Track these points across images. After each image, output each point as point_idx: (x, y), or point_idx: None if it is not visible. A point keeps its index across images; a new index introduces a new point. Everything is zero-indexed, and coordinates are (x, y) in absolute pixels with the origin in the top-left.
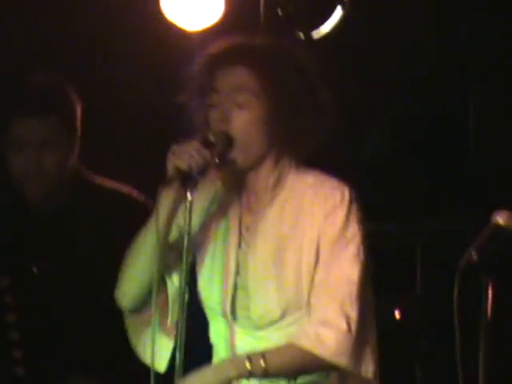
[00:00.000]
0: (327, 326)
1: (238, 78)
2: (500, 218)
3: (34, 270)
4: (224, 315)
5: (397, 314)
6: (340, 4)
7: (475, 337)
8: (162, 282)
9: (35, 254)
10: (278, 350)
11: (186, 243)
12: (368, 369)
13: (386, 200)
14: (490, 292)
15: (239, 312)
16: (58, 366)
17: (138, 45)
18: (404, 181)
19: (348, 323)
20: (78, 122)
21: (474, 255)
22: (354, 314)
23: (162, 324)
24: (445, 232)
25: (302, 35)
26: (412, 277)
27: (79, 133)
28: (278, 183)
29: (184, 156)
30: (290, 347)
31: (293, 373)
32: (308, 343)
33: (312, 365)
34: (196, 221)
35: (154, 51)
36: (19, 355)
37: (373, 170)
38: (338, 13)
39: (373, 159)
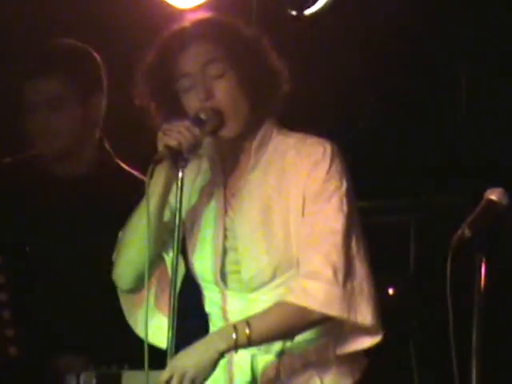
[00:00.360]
0: (313, 277)
1: (205, 53)
2: (493, 195)
3: (26, 249)
4: (216, 282)
5: (390, 292)
6: None
7: (469, 313)
8: (160, 260)
9: (34, 228)
10: (264, 313)
11: (177, 220)
12: (365, 316)
13: (380, 176)
14: (482, 268)
15: (230, 277)
16: (49, 344)
17: (128, 22)
18: (397, 156)
19: (335, 272)
20: (95, 86)
21: (467, 231)
22: (340, 262)
23: (160, 301)
24: (439, 207)
25: (294, 13)
26: (406, 253)
27: (99, 100)
28: (261, 147)
29: (174, 134)
30: (277, 306)
31: (282, 335)
32: (295, 298)
33: (301, 320)
34: (185, 196)
35: (144, 30)
36: (11, 334)
37: (366, 146)
38: None
39: (366, 134)
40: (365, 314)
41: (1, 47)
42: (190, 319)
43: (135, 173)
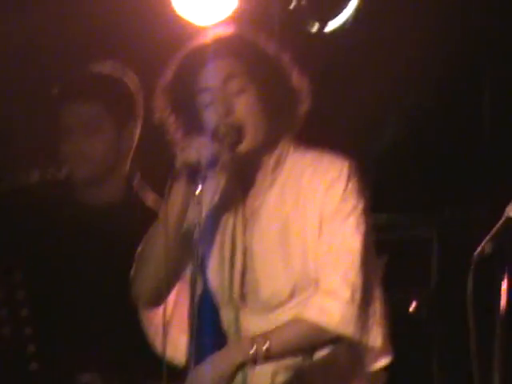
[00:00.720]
0: (331, 296)
1: (227, 69)
2: None
3: (49, 264)
4: (234, 302)
5: (412, 306)
6: None
7: (490, 329)
8: (178, 277)
9: (58, 247)
10: (281, 328)
11: (196, 236)
12: (376, 339)
13: (403, 190)
14: (504, 284)
15: (249, 296)
16: (70, 360)
17: (150, 40)
18: (420, 171)
19: (352, 293)
20: (130, 115)
21: (489, 247)
22: (357, 283)
23: (178, 319)
24: (462, 222)
25: (314, 27)
26: (427, 268)
27: (134, 129)
28: (278, 164)
29: (193, 151)
30: (294, 322)
31: (298, 349)
32: (313, 315)
33: (317, 337)
34: (203, 213)
35: (166, 46)
36: (33, 350)
37: (387, 161)
38: (351, 6)
39: (388, 150)
40: (375, 337)
41: (41, 69)
42: (208, 337)
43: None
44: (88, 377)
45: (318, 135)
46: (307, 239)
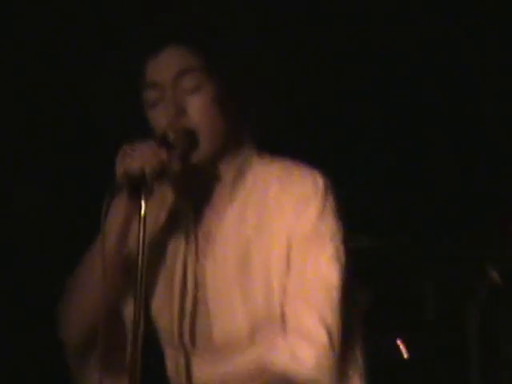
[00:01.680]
0: (304, 338)
1: (180, 62)
2: None
3: None
4: (182, 344)
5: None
6: None
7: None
8: (116, 315)
9: None
10: (241, 375)
11: (140, 262)
12: None
13: (397, 215)
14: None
15: (199, 339)
16: None
17: None
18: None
19: (329, 334)
20: None
21: (496, 277)
22: (335, 325)
23: (117, 365)
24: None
25: None
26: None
27: None
28: (238, 177)
29: (137, 158)
30: (257, 371)
31: None
32: (281, 361)
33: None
34: (148, 235)
35: None
36: None
37: (379, 184)
38: None
39: (382, 174)
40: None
41: None
42: None
43: None
44: None
45: (288, 145)
46: (272, 267)
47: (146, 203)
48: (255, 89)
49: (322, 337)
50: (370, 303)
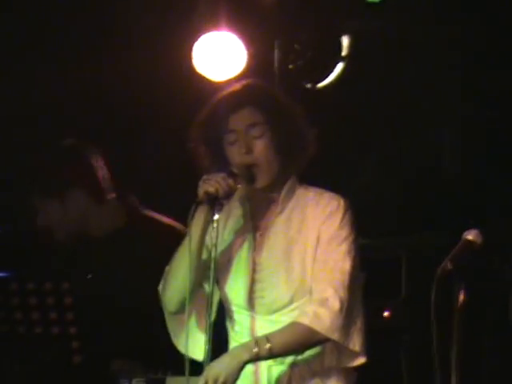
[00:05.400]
0: (324, 305)
1: (250, 117)
2: (470, 235)
3: (89, 276)
4: (245, 307)
5: (385, 314)
6: (341, 60)
7: (449, 331)
8: (199, 288)
9: (88, 264)
10: (281, 331)
11: (213, 254)
12: (355, 344)
13: (379, 218)
14: (461, 295)
15: (256, 302)
16: (107, 353)
17: (173, 95)
18: (392, 203)
19: (341, 306)
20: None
21: (449, 265)
22: (345, 298)
23: (199, 323)
24: (427, 245)
25: (308, 85)
26: (398, 283)
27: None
28: (286, 199)
29: (212, 182)
30: (291, 326)
31: (295, 349)
32: (307, 320)
33: (310, 339)
34: (219, 235)
35: (186, 100)
36: (77, 346)
37: (366, 195)
38: (338, 67)
39: (366, 187)
40: (355, 343)
41: None
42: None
43: (164, 219)
44: (119, 363)
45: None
46: (306, 259)
47: (218, 213)
48: (299, 138)
49: (336, 305)
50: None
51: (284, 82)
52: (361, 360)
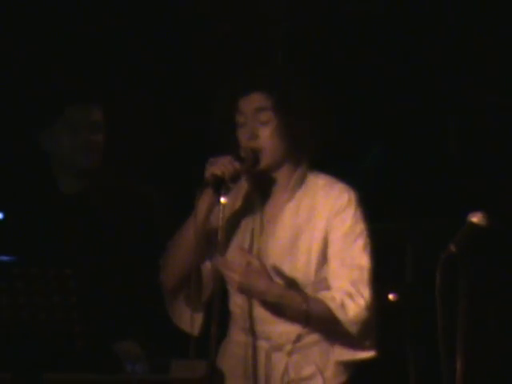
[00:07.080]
0: (351, 298)
1: (258, 102)
2: (474, 218)
3: (91, 261)
4: None
5: (391, 297)
6: None
7: (454, 315)
8: (199, 268)
9: (82, 245)
10: (317, 301)
11: (219, 237)
12: (371, 344)
13: (384, 203)
14: (466, 278)
15: None
16: (109, 334)
17: None
18: (398, 187)
19: (365, 301)
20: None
21: (454, 248)
22: (366, 295)
23: (197, 300)
24: (431, 230)
25: None
26: (403, 267)
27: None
28: (296, 185)
29: (219, 165)
30: (324, 304)
31: (319, 323)
32: (333, 305)
33: (331, 324)
34: (225, 216)
35: None
36: (79, 330)
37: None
38: None
39: (371, 171)
40: (371, 343)
41: None
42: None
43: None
44: (125, 344)
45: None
46: (312, 248)
47: (224, 195)
48: (309, 124)
49: (361, 302)
50: None
51: None
52: (371, 353)
